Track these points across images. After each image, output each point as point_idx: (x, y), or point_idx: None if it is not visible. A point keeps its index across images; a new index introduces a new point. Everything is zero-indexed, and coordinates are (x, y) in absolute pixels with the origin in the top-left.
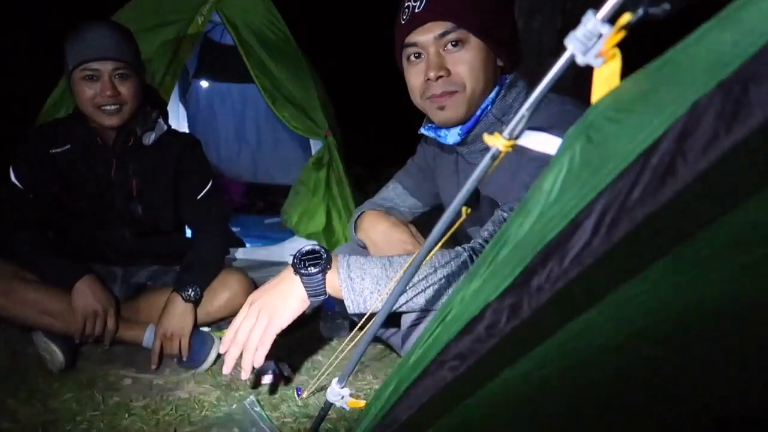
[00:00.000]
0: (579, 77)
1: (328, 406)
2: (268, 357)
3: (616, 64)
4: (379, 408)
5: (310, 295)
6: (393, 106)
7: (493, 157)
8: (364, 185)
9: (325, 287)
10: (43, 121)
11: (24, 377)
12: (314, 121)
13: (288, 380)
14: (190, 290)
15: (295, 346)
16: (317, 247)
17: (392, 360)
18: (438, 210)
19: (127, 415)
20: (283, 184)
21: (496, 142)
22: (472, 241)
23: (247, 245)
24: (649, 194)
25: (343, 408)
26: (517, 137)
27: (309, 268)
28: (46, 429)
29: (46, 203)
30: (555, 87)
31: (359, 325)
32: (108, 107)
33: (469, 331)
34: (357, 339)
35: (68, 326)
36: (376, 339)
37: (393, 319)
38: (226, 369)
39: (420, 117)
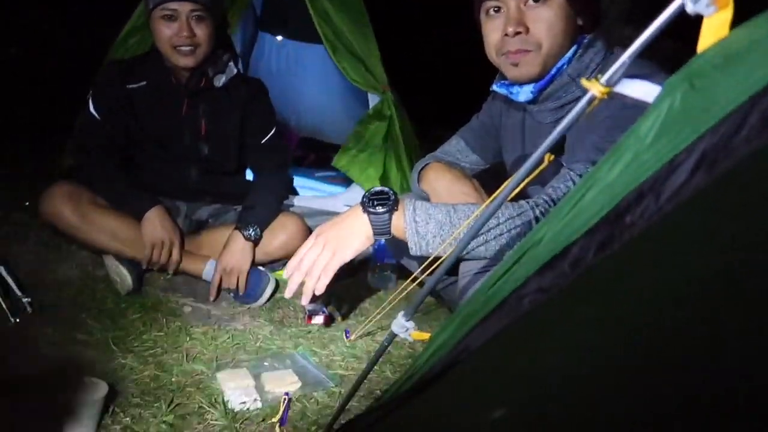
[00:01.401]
0: None
1: (392, 337)
2: (319, 299)
3: (727, 13)
4: (446, 338)
5: (375, 233)
6: (444, 63)
7: (588, 102)
8: None
9: (390, 227)
10: (114, 53)
11: (95, 296)
12: (373, 74)
13: (335, 322)
14: (251, 229)
15: (344, 293)
16: (386, 189)
17: (440, 314)
18: (497, 168)
19: (188, 339)
20: (335, 142)
21: (593, 87)
22: (536, 197)
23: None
24: (755, 135)
25: (407, 339)
26: (614, 84)
27: (377, 207)
28: (115, 343)
29: (120, 136)
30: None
31: (414, 275)
32: (183, 48)
33: (552, 267)
34: (411, 286)
35: (136, 253)
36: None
37: (450, 269)
38: (288, 293)
39: (470, 78)
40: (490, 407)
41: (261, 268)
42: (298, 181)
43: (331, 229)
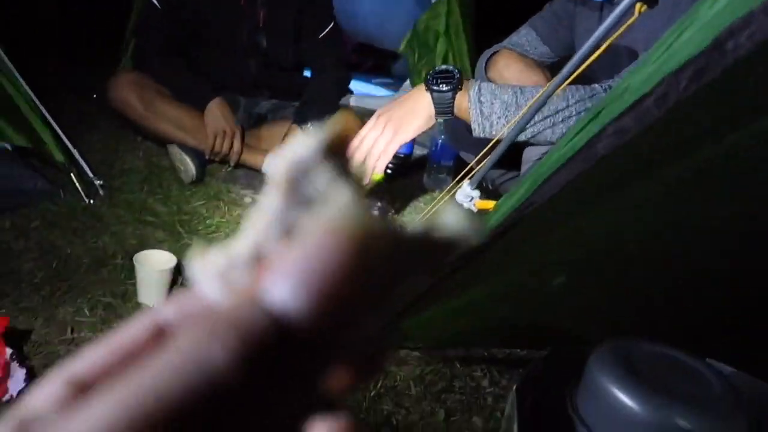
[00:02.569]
0: None
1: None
2: (374, 197)
3: None
4: (513, 203)
5: (437, 113)
6: None
7: None
8: None
9: (452, 107)
10: None
11: (161, 184)
12: None
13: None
14: (309, 124)
15: (399, 193)
16: (451, 67)
17: None
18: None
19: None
20: (393, 49)
21: None
22: (610, 81)
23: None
24: None
25: (471, 209)
26: None
27: (440, 86)
28: (181, 225)
29: (180, 26)
30: None
31: (470, 165)
32: None
33: (635, 106)
34: (472, 173)
35: (199, 142)
36: (486, 190)
37: (511, 160)
38: None
39: None
40: (550, 272)
41: None
42: (355, 86)
43: (392, 109)
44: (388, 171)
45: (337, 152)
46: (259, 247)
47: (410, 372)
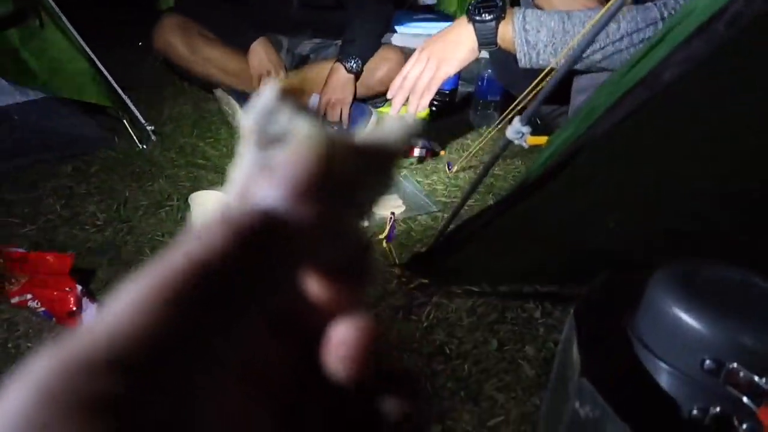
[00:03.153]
0: None
1: (506, 144)
2: (420, 135)
3: None
4: (567, 136)
5: (480, 44)
6: None
7: None
8: None
9: (496, 37)
10: None
11: (210, 128)
12: None
13: (437, 156)
14: (353, 61)
15: (445, 131)
16: None
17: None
18: None
19: None
20: None
21: None
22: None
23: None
24: None
25: (522, 145)
26: None
27: (483, 15)
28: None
29: None
30: None
31: (518, 100)
32: None
33: (704, 29)
34: (520, 106)
35: (245, 85)
36: (535, 125)
37: (560, 94)
38: (393, 112)
39: None
40: (605, 212)
41: (363, 103)
42: (398, 22)
43: (434, 43)
44: (433, 108)
45: (293, 97)
46: (245, 186)
47: (462, 304)
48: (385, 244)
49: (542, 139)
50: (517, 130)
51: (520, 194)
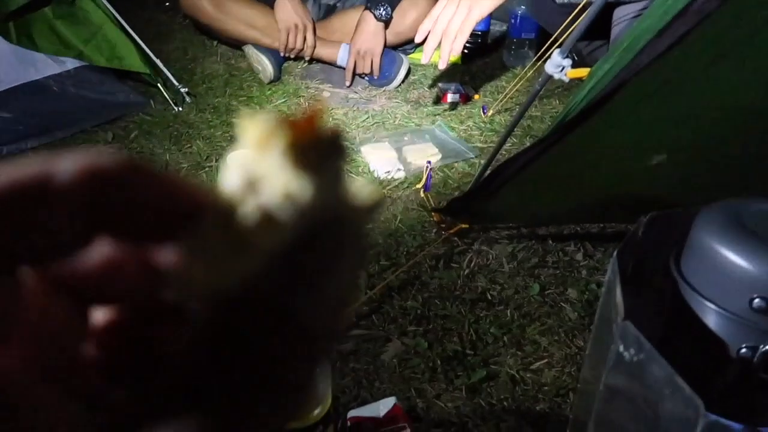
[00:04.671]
0: None
1: (546, 79)
2: (453, 79)
3: None
4: (609, 67)
5: None
6: None
7: None
8: None
9: None
10: None
11: (242, 86)
12: None
13: (471, 100)
14: (381, 8)
15: (478, 73)
16: None
17: None
18: None
19: (330, 119)
20: None
21: None
22: None
23: None
24: None
25: (562, 80)
26: None
27: None
28: None
29: None
30: None
31: (554, 36)
32: None
33: None
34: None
35: (273, 40)
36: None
37: (599, 27)
38: (425, 59)
39: None
40: (650, 151)
41: (393, 51)
42: None
43: None
44: (465, 51)
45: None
46: None
47: (502, 250)
48: (422, 194)
49: (584, 72)
50: (557, 64)
51: (560, 131)
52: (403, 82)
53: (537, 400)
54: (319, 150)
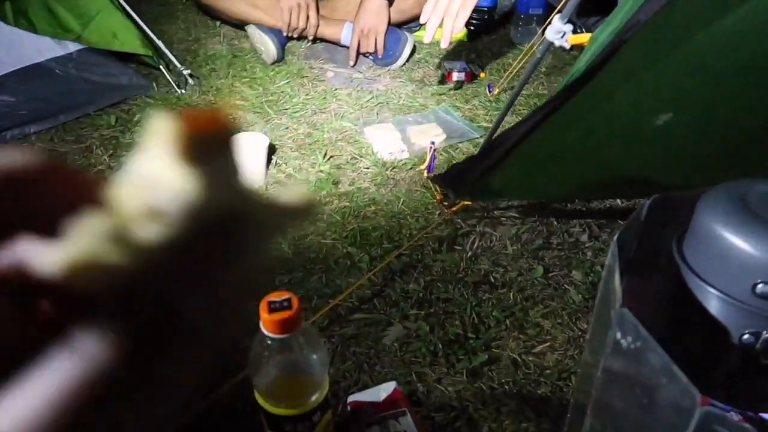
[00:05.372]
0: None
1: (546, 47)
2: (458, 57)
3: None
4: (612, 29)
5: None
6: None
7: None
8: None
9: None
10: None
11: (245, 67)
12: None
13: (477, 79)
14: None
15: (485, 51)
16: None
17: None
18: None
19: (334, 100)
20: None
21: None
22: None
23: None
24: None
25: (563, 47)
26: None
27: None
28: (269, 106)
29: None
30: None
31: (558, 7)
32: None
33: None
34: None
35: (276, 20)
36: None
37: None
38: (427, 38)
39: None
40: (654, 111)
41: (397, 29)
42: None
43: None
44: (471, 28)
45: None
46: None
47: (506, 231)
48: (426, 175)
49: (585, 37)
50: (557, 30)
51: (561, 97)
52: (407, 60)
53: (539, 383)
54: (212, 145)
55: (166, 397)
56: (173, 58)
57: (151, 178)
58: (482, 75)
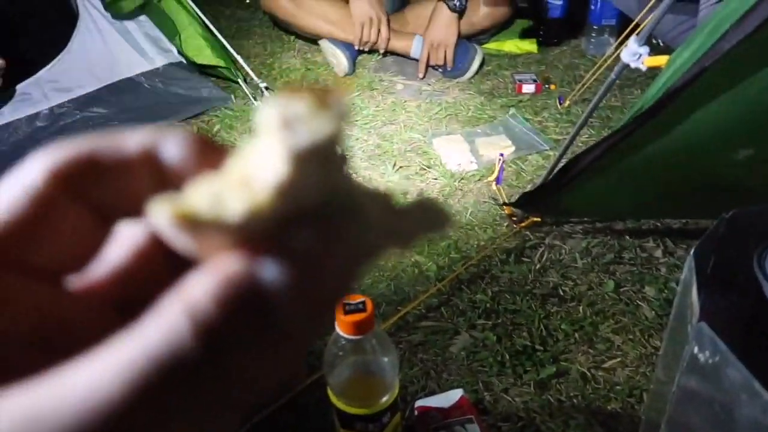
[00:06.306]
0: None
1: (621, 68)
2: (528, 69)
3: None
4: (690, 54)
5: None
6: None
7: None
8: None
9: None
10: None
11: (317, 79)
12: None
13: (548, 91)
14: (455, 0)
15: (555, 62)
16: None
17: None
18: None
19: (403, 112)
20: None
21: None
22: None
23: None
24: None
25: (639, 68)
26: None
27: None
28: None
29: None
30: None
31: (636, 20)
32: None
33: None
34: (640, 27)
35: (348, 34)
36: (657, 47)
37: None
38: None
39: None
40: (735, 145)
41: (467, 41)
42: None
43: None
44: (540, 39)
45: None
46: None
47: (575, 245)
48: (494, 186)
49: (662, 59)
50: (633, 52)
51: (635, 122)
52: (476, 73)
53: (608, 399)
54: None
55: (244, 392)
56: (250, 72)
57: (263, 160)
58: (553, 87)
